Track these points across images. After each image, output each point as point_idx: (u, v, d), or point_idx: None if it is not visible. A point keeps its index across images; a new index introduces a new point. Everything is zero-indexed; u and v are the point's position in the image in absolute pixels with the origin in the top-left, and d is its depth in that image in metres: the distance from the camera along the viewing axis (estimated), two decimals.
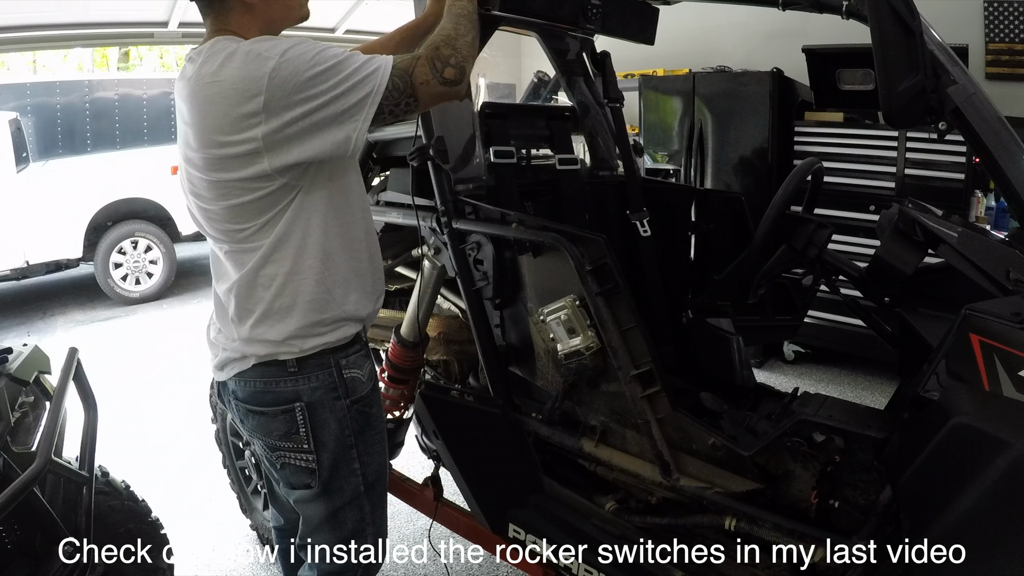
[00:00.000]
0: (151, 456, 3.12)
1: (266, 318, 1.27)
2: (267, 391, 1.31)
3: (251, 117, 1.11)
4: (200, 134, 1.16)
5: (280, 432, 1.32)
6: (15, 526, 1.39)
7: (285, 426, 1.31)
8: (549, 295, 1.62)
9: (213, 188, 1.19)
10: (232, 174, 1.16)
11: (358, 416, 1.36)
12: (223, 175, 1.17)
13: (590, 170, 2.36)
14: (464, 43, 1.25)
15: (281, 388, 1.30)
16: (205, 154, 1.16)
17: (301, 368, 1.29)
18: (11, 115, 5.60)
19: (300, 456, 1.33)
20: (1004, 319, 1.06)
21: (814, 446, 1.40)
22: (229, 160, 1.15)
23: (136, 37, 5.83)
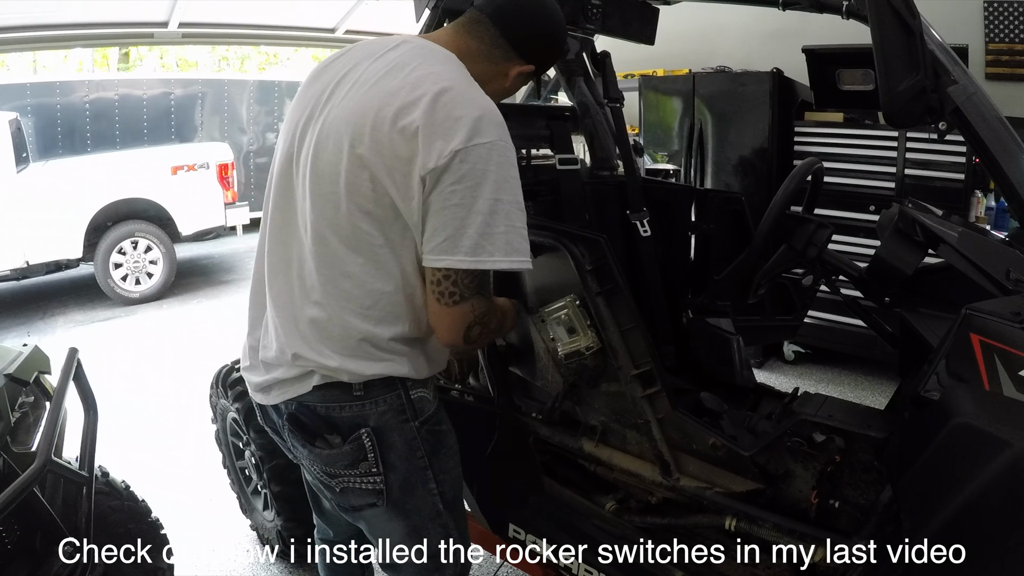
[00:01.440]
0: (151, 456, 3.12)
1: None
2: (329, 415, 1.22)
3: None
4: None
5: (346, 462, 1.22)
6: (15, 526, 1.39)
7: (352, 455, 1.22)
8: (549, 295, 1.62)
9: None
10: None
11: (429, 437, 1.28)
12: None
13: (590, 170, 2.36)
14: (495, 334, 1.31)
15: (343, 415, 1.22)
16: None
17: (368, 392, 1.21)
18: (11, 115, 5.61)
19: (366, 480, 1.24)
20: (1004, 319, 1.06)
21: (814, 446, 1.40)
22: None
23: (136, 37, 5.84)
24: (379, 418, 1.21)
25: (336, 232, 1.13)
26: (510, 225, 1.10)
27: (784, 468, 1.47)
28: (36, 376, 1.62)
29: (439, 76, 1.12)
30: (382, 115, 1.08)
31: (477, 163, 1.07)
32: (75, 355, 1.59)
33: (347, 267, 1.14)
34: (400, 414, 1.23)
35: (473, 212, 1.07)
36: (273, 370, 1.23)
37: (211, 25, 5.66)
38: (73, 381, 1.56)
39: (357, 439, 1.20)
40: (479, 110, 1.10)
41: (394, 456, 1.24)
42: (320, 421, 1.21)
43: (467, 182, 1.07)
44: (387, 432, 1.22)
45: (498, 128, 1.12)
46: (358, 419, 1.21)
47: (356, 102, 1.12)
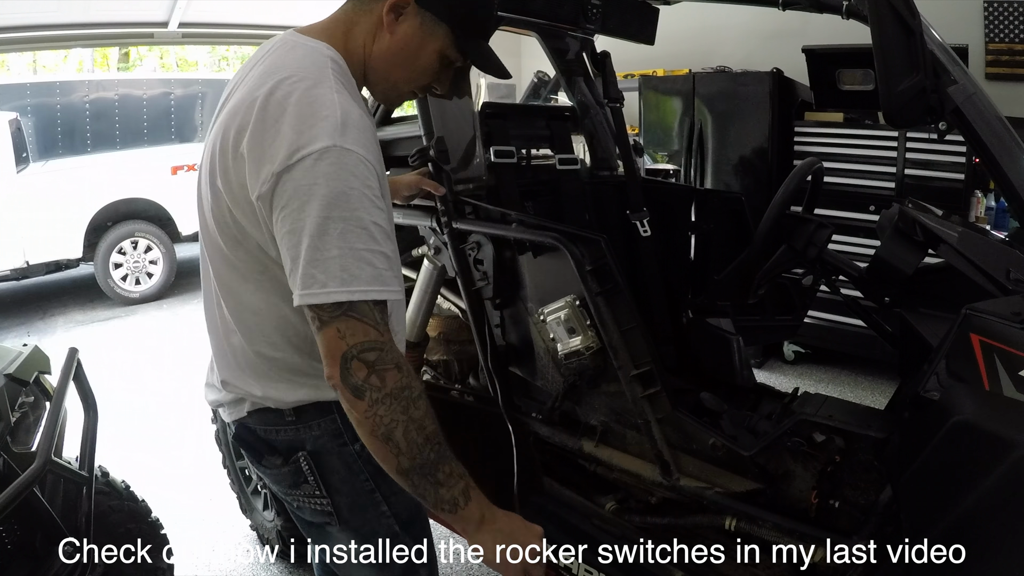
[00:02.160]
0: (151, 456, 3.12)
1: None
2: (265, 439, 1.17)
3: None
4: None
5: (288, 482, 1.18)
6: (15, 526, 1.39)
7: (292, 477, 1.16)
8: (549, 295, 1.62)
9: None
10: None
11: (371, 459, 1.09)
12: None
13: (590, 170, 2.36)
14: (397, 426, 0.99)
15: (278, 438, 1.16)
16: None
17: (300, 416, 1.14)
18: (11, 115, 5.60)
19: (313, 503, 1.18)
20: (1004, 319, 1.06)
21: (814, 446, 1.40)
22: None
23: (136, 37, 5.84)
24: (315, 442, 1.14)
25: (224, 263, 1.07)
26: (346, 247, 0.91)
27: (784, 468, 1.47)
28: (36, 376, 1.62)
29: (271, 74, 0.98)
30: (226, 139, 0.98)
31: (302, 179, 0.91)
32: (75, 355, 1.59)
33: (243, 297, 1.08)
34: (337, 438, 1.14)
35: (302, 237, 0.91)
36: (217, 392, 1.20)
37: (211, 25, 5.67)
38: (73, 381, 1.56)
39: (295, 462, 1.14)
40: (309, 112, 0.94)
41: (336, 480, 1.16)
42: (261, 442, 1.16)
43: (292, 204, 0.92)
44: (325, 456, 1.15)
45: (336, 130, 0.93)
46: (295, 443, 1.14)
47: (216, 126, 1.03)
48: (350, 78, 1.06)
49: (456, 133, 1.82)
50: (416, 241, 1.97)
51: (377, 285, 0.94)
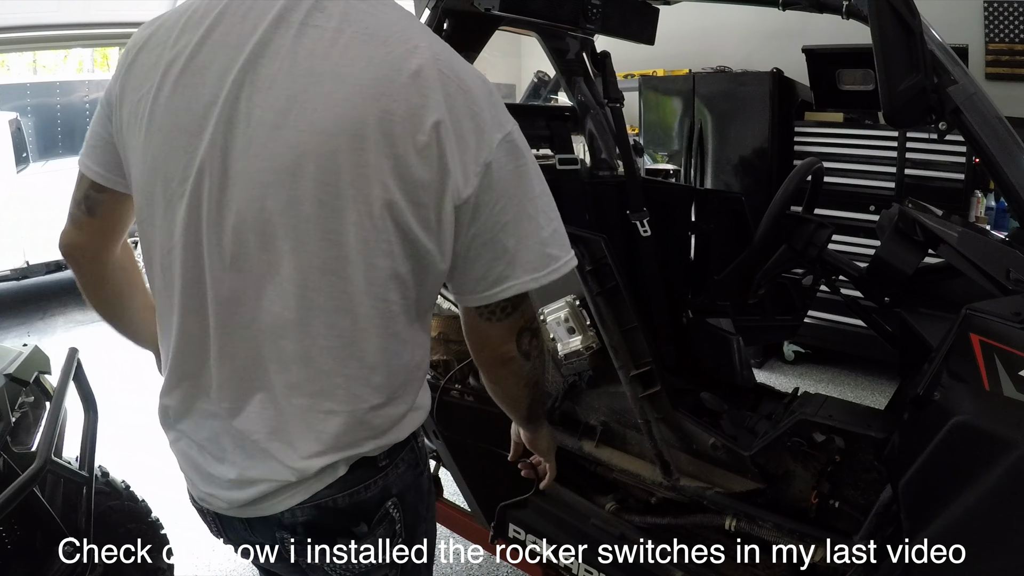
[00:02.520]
0: (151, 456, 3.11)
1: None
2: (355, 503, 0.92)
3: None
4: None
5: (376, 550, 0.95)
6: (15, 526, 1.39)
7: (384, 536, 0.95)
8: (549, 295, 1.62)
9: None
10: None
11: (427, 483, 1.05)
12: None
13: (590, 170, 2.36)
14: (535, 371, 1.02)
15: (367, 495, 0.93)
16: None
17: (390, 457, 0.94)
18: (11, 115, 5.60)
19: (397, 556, 0.98)
20: (1004, 319, 1.06)
21: (814, 446, 1.40)
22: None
23: None
24: (399, 481, 0.96)
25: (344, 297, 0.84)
26: (556, 218, 0.96)
27: (784, 468, 1.47)
28: (36, 376, 1.62)
29: (418, 37, 0.81)
30: (367, 133, 0.76)
31: (512, 163, 0.85)
32: (75, 355, 1.59)
33: (389, 321, 0.88)
34: (415, 468, 1.00)
35: (521, 221, 0.88)
36: (267, 484, 0.89)
37: None
38: (73, 381, 1.57)
39: (384, 515, 0.94)
40: (485, 86, 0.85)
41: (413, 518, 1.00)
42: (344, 516, 0.92)
43: (505, 193, 0.85)
44: (407, 493, 0.98)
45: (503, 110, 0.88)
46: (383, 493, 0.94)
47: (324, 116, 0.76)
48: None
49: None
50: None
51: (571, 250, 0.93)
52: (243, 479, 0.88)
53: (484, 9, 1.69)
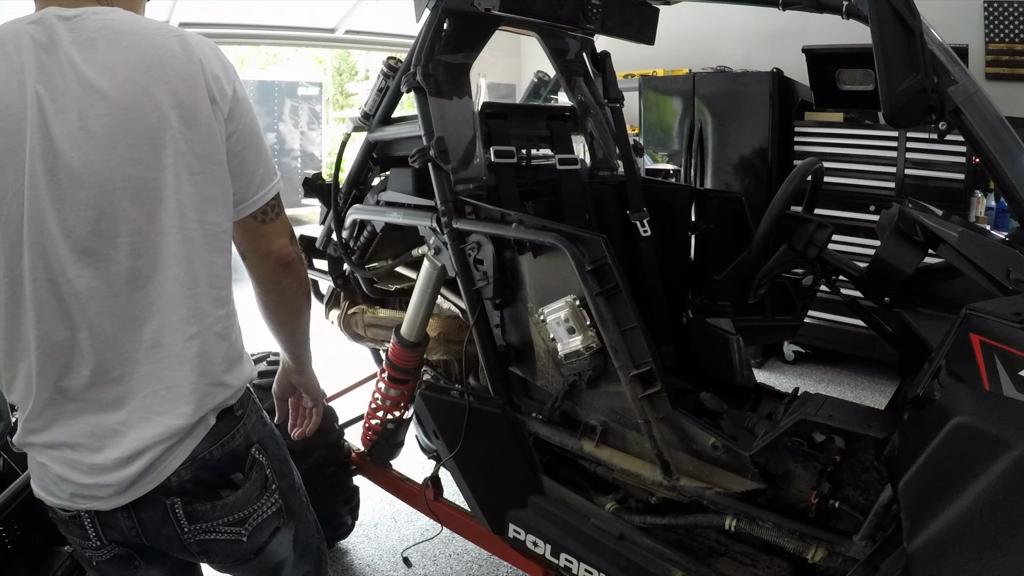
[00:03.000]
0: None
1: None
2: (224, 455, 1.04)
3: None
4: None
5: (255, 495, 1.07)
6: (15, 526, 1.39)
7: (258, 481, 1.07)
8: (549, 295, 1.62)
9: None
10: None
11: (268, 421, 1.17)
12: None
13: (590, 170, 2.36)
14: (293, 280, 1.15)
15: (235, 444, 1.05)
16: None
17: (241, 405, 1.07)
18: None
19: (269, 503, 1.10)
20: (1004, 319, 1.06)
21: (814, 446, 1.40)
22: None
23: None
24: (254, 428, 1.09)
25: (186, 235, 1.00)
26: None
27: (784, 468, 1.47)
28: None
29: (153, 33, 0.95)
30: (175, 98, 0.93)
31: (245, 104, 1.04)
32: None
33: (201, 270, 1.03)
34: (260, 414, 1.13)
35: (260, 142, 1.08)
36: (140, 456, 0.97)
37: (211, 25, 5.67)
38: None
39: (253, 461, 1.07)
40: (213, 52, 1.00)
41: (278, 463, 1.12)
42: (223, 464, 1.04)
43: (249, 115, 1.04)
44: (264, 440, 1.11)
45: (224, 59, 1.02)
46: (247, 440, 1.07)
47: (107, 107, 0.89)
48: None
49: (456, 133, 1.83)
50: (416, 241, 1.97)
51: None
52: (130, 453, 0.96)
53: (484, 9, 1.70)
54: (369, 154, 2.16)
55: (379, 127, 2.07)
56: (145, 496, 0.99)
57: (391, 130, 2.05)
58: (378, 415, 1.98)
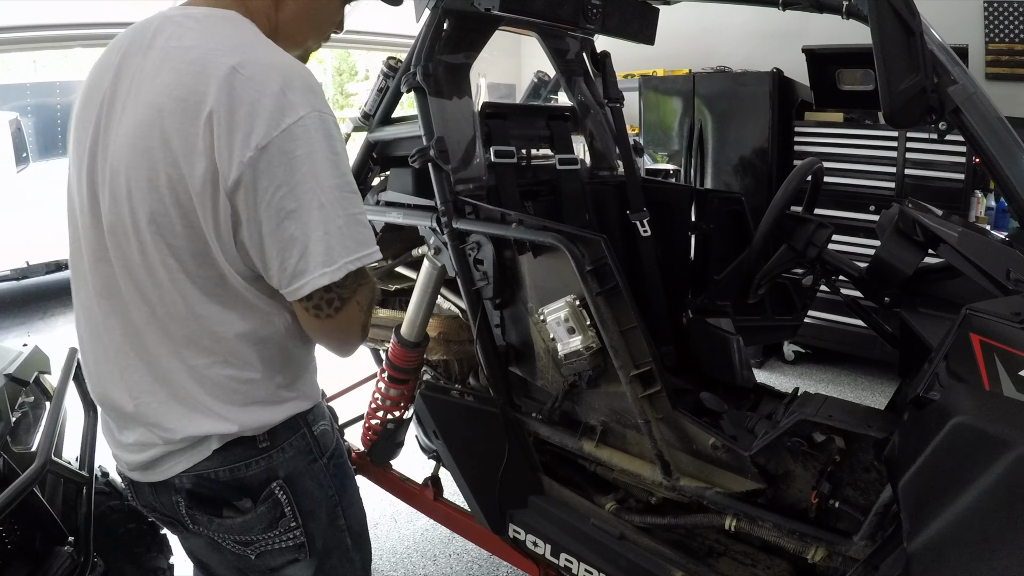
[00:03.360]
0: None
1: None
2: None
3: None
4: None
5: (263, 525, 1.04)
6: (15, 526, 1.39)
7: (268, 515, 1.04)
8: (549, 295, 1.62)
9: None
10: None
11: (336, 472, 1.13)
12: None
13: (590, 170, 2.36)
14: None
15: (250, 473, 1.02)
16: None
17: (273, 440, 1.03)
18: (11, 115, 5.61)
19: (286, 537, 1.07)
20: (1004, 319, 1.06)
21: (814, 446, 1.40)
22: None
23: None
24: (288, 465, 1.04)
25: (175, 282, 0.93)
26: (347, 215, 0.90)
27: (784, 468, 1.47)
28: (36, 376, 1.62)
29: (210, 50, 0.88)
30: (167, 135, 0.86)
31: (294, 150, 0.86)
32: (75, 355, 1.59)
33: (207, 319, 0.95)
34: (307, 455, 1.07)
35: (310, 213, 0.87)
36: (148, 448, 1.01)
37: None
38: (73, 381, 1.56)
39: (270, 496, 1.03)
40: (282, 80, 0.86)
41: (309, 502, 1.07)
42: (226, 488, 1.02)
43: (291, 178, 0.86)
44: (298, 478, 1.06)
45: (310, 93, 0.88)
46: (268, 473, 1.03)
47: (125, 126, 0.89)
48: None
49: (456, 133, 1.82)
50: (416, 241, 1.97)
51: (373, 246, 0.94)
52: (140, 443, 1.00)
53: (484, 9, 1.70)
54: (369, 154, 2.16)
55: (379, 127, 2.07)
56: (160, 483, 1.03)
57: (391, 130, 2.05)
58: (378, 415, 1.98)
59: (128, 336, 0.96)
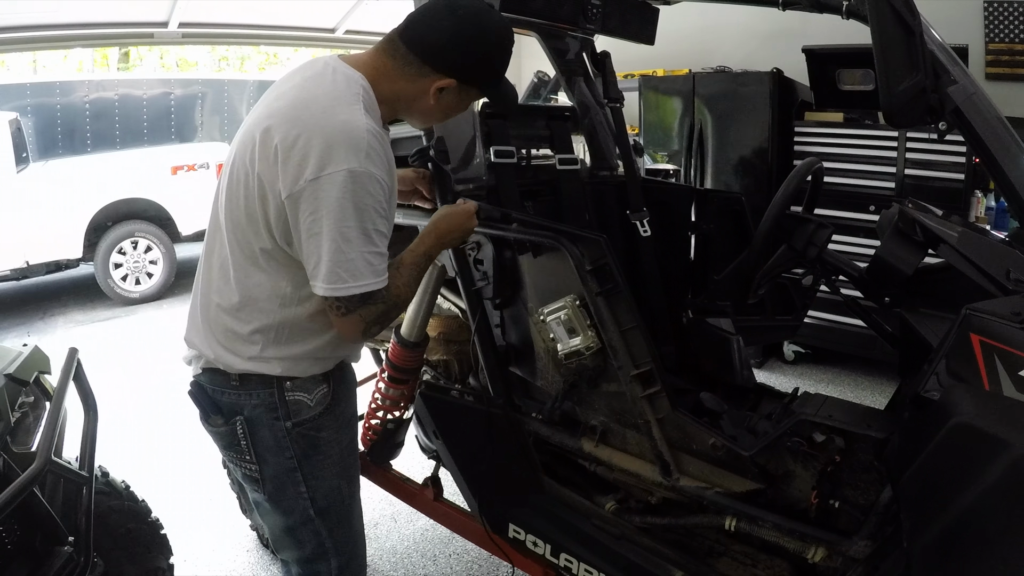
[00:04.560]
0: (151, 456, 3.12)
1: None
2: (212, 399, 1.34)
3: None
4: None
5: (224, 442, 1.35)
6: (15, 526, 1.39)
7: (229, 437, 1.33)
8: (549, 295, 1.62)
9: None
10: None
11: (301, 440, 1.33)
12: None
13: (590, 170, 2.36)
14: (397, 315, 1.31)
15: (223, 399, 1.32)
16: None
17: (243, 383, 1.29)
18: (11, 115, 5.60)
19: (244, 465, 1.35)
20: (1004, 319, 1.06)
21: (814, 446, 1.40)
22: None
23: (136, 37, 5.83)
24: (252, 410, 1.30)
25: (240, 240, 1.23)
26: (361, 251, 1.15)
27: (784, 468, 1.47)
28: (36, 376, 1.62)
29: (312, 92, 1.18)
30: (268, 142, 1.15)
31: (330, 191, 1.11)
32: (75, 355, 1.59)
33: (250, 273, 1.24)
34: (272, 411, 1.30)
35: (326, 240, 1.13)
36: (185, 349, 1.39)
37: (211, 25, 5.66)
38: (73, 381, 1.56)
39: (232, 425, 1.31)
40: (340, 133, 1.12)
41: (264, 450, 1.32)
42: (208, 400, 1.33)
43: (319, 212, 1.12)
44: (258, 425, 1.30)
45: (351, 154, 1.12)
46: (235, 407, 1.31)
47: (256, 122, 1.20)
48: (375, 107, 1.23)
49: (456, 133, 1.82)
50: None
51: (376, 279, 1.19)
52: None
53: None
54: None
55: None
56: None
57: (391, 130, 2.04)
58: (378, 415, 1.98)
59: (217, 279, 1.30)
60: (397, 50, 1.23)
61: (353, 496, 1.49)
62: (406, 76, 1.24)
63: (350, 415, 1.45)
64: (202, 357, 1.31)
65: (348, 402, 1.44)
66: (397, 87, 1.24)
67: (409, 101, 1.27)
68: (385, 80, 1.24)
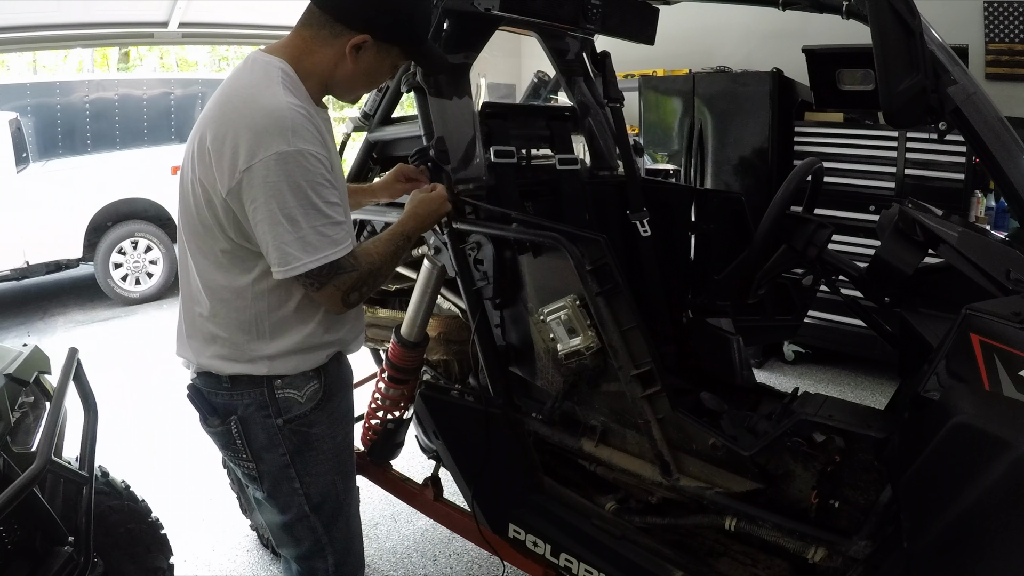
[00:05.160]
0: (151, 456, 3.12)
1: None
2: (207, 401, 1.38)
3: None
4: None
5: (222, 442, 1.39)
6: (15, 526, 1.39)
7: (225, 437, 1.37)
8: (549, 295, 1.62)
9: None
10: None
11: (293, 436, 1.35)
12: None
13: (590, 170, 2.36)
14: (380, 283, 1.34)
15: (217, 400, 1.36)
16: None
17: (234, 384, 1.33)
18: (11, 115, 5.60)
19: (242, 464, 1.39)
20: (1004, 319, 1.06)
21: (814, 446, 1.40)
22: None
23: (136, 37, 5.83)
24: (244, 410, 1.33)
25: (199, 246, 1.28)
26: (310, 227, 1.16)
27: (784, 468, 1.47)
28: (36, 376, 1.62)
29: (233, 86, 1.22)
30: (202, 143, 1.18)
31: (267, 177, 1.13)
32: (75, 355, 1.59)
33: (211, 277, 1.28)
34: (262, 409, 1.33)
35: (274, 224, 1.15)
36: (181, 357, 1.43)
37: (211, 25, 5.66)
38: (73, 381, 1.56)
39: (228, 425, 1.34)
40: (256, 124, 1.13)
41: (259, 448, 1.35)
42: (205, 403, 1.36)
43: (257, 200, 1.14)
44: (251, 424, 1.34)
45: (278, 137, 1.13)
46: (229, 407, 1.34)
47: (195, 129, 1.24)
48: (299, 85, 1.23)
49: (456, 133, 1.83)
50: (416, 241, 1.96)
51: (335, 248, 1.20)
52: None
53: (484, 9, 1.70)
54: (369, 154, 2.16)
55: (379, 127, 2.07)
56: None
57: (391, 130, 2.05)
58: (378, 415, 1.98)
59: (191, 289, 1.34)
60: (312, 16, 1.23)
61: (349, 492, 1.49)
62: (324, 41, 1.23)
63: (344, 411, 1.46)
64: (193, 364, 1.36)
65: (342, 398, 1.44)
66: (317, 57, 1.24)
67: (331, 68, 1.25)
68: (306, 55, 1.24)
